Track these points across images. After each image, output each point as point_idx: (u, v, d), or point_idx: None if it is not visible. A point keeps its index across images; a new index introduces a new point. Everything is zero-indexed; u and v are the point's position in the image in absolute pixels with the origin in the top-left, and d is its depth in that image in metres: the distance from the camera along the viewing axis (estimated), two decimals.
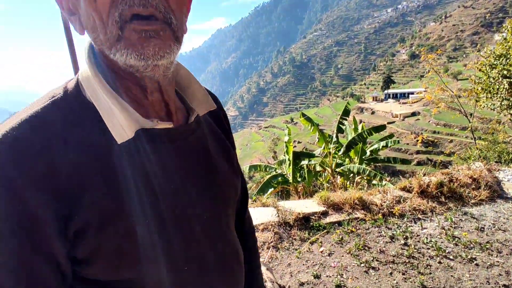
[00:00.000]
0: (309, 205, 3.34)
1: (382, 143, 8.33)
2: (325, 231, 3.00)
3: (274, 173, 7.90)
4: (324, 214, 3.23)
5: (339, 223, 3.10)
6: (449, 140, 42.69)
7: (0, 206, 0.42)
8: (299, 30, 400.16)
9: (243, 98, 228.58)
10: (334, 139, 8.41)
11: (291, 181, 7.49)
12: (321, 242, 2.85)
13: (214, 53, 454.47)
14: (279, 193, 8.13)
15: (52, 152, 0.45)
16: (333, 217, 3.19)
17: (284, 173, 7.86)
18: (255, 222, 2.75)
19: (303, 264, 2.57)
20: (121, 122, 0.49)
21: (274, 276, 2.19)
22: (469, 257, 2.56)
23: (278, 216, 3.12)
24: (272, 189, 7.23)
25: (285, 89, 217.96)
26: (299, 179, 7.80)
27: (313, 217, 3.15)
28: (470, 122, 12.21)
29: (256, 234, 2.81)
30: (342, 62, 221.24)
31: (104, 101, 0.50)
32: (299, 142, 57.60)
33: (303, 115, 8.69)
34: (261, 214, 3.15)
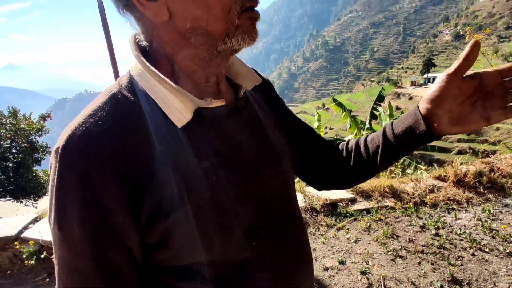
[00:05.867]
0: (337, 192, 3.31)
1: None
2: (352, 218, 2.97)
3: None
4: (352, 201, 3.20)
5: (368, 211, 3.06)
6: (495, 128, 39.64)
7: (72, 196, 0.46)
8: (332, 12, 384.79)
9: (273, 83, 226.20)
10: (367, 125, 8.15)
11: None
12: (348, 229, 2.84)
13: None
14: None
15: (116, 141, 0.48)
16: (362, 205, 3.14)
17: None
18: None
19: (329, 250, 2.59)
20: (177, 106, 0.51)
21: None
22: (507, 251, 2.43)
23: (305, 201, 3.14)
24: None
25: (317, 74, 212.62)
26: None
27: (341, 204, 3.13)
28: None
29: None
30: (378, 45, 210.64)
31: (158, 89, 0.51)
32: (330, 129, 56.33)
33: (334, 100, 8.47)
34: None
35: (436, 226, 2.78)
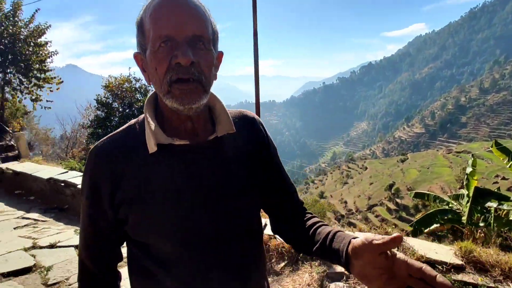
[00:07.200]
0: (440, 251, 2.74)
1: None
2: None
3: (445, 207, 6.48)
4: (458, 268, 2.57)
5: (475, 287, 2.41)
6: None
7: (85, 181, 0.81)
8: None
9: (434, 114, 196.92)
10: None
11: (465, 221, 5.82)
12: None
13: (407, 62, 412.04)
14: (447, 232, 6.60)
15: (114, 156, 0.78)
16: (470, 277, 2.49)
17: (458, 210, 6.25)
18: None
19: None
20: (151, 140, 0.77)
21: None
22: None
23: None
24: (437, 225, 5.89)
25: (496, 110, 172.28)
26: (481, 223, 6.00)
27: (440, 267, 2.58)
28: None
29: None
30: None
31: (148, 126, 0.78)
32: (503, 179, 44.33)
33: (497, 143, 6.84)
34: None
35: None
